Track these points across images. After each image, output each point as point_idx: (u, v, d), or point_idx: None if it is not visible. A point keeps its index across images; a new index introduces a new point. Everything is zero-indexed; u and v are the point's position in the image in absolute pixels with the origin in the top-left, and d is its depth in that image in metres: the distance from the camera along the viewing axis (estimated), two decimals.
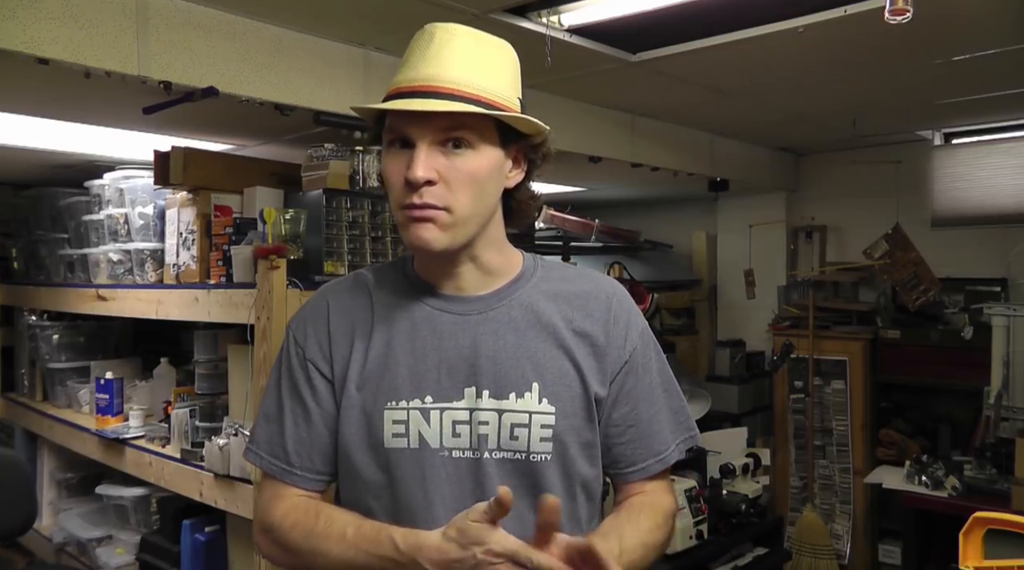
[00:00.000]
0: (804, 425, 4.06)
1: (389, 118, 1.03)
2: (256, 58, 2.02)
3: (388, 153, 1.05)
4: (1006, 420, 3.09)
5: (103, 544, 2.95)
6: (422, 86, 1.00)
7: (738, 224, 4.57)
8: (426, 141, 1.00)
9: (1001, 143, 3.74)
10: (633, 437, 1.14)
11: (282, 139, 2.77)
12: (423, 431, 1.05)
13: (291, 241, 2.08)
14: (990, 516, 1.60)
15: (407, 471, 1.05)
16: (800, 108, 3.24)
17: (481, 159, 1.02)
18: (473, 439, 1.05)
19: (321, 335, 1.12)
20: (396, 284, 1.14)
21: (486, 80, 1.02)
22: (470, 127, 1.01)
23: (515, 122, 1.04)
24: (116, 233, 2.83)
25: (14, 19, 1.59)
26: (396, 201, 1.04)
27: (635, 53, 2.40)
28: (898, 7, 1.57)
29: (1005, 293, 3.54)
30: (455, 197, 1.01)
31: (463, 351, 1.07)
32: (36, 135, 2.66)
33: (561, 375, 1.08)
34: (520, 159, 1.10)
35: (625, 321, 1.14)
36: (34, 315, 3.46)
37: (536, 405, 1.06)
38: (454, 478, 1.05)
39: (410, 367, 1.07)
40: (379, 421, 1.06)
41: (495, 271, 1.12)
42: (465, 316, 1.09)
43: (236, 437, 2.12)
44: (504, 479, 1.05)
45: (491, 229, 1.10)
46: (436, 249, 1.03)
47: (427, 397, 1.06)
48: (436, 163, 1.00)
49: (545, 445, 1.06)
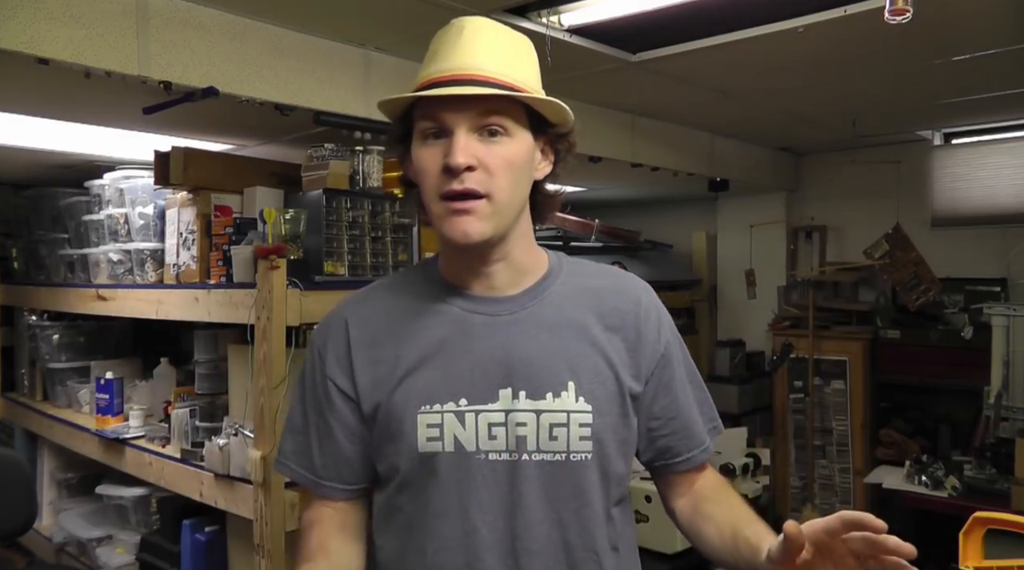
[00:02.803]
0: (804, 425, 4.06)
1: (421, 109, 1.02)
2: (256, 58, 2.02)
3: (422, 145, 1.03)
4: (1006, 420, 3.09)
5: (103, 544, 2.95)
6: (456, 75, 1.00)
7: (738, 224, 4.57)
8: (463, 127, 0.99)
9: (1001, 143, 3.75)
10: (676, 428, 1.14)
11: (282, 139, 2.77)
12: (458, 434, 1.03)
13: (291, 241, 2.08)
14: (990, 516, 1.60)
15: (443, 475, 1.04)
16: (800, 108, 3.24)
17: (517, 145, 1.03)
18: (511, 441, 1.04)
19: (340, 350, 1.10)
20: (422, 289, 1.13)
21: (515, 70, 1.03)
22: (505, 114, 1.01)
23: (548, 107, 1.04)
24: (116, 233, 2.83)
25: (14, 19, 1.59)
26: (433, 190, 1.01)
27: (635, 53, 2.40)
28: (898, 7, 1.57)
29: (1005, 293, 3.53)
30: (495, 183, 1.00)
31: (496, 352, 1.06)
32: (36, 135, 2.66)
33: (595, 372, 1.07)
34: (548, 150, 1.10)
35: (656, 316, 1.14)
36: (34, 315, 3.46)
37: (573, 404, 1.05)
38: (491, 481, 1.03)
39: (443, 370, 1.05)
40: (412, 426, 1.04)
41: (524, 269, 1.11)
42: (496, 317, 1.08)
43: (236, 437, 2.12)
44: (544, 480, 1.04)
45: (522, 223, 1.09)
46: (476, 241, 1.01)
47: (461, 400, 1.04)
48: (474, 149, 0.99)
49: (585, 444, 1.05)
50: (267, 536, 1.98)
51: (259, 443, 1.99)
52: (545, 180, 1.11)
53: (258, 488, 1.99)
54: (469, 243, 1.01)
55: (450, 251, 1.11)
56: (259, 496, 1.99)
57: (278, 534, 1.98)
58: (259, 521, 2.00)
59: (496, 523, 1.03)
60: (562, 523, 1.04)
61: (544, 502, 1.04)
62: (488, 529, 1.03)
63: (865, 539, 0.85)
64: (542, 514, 1.03)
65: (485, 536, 1.03)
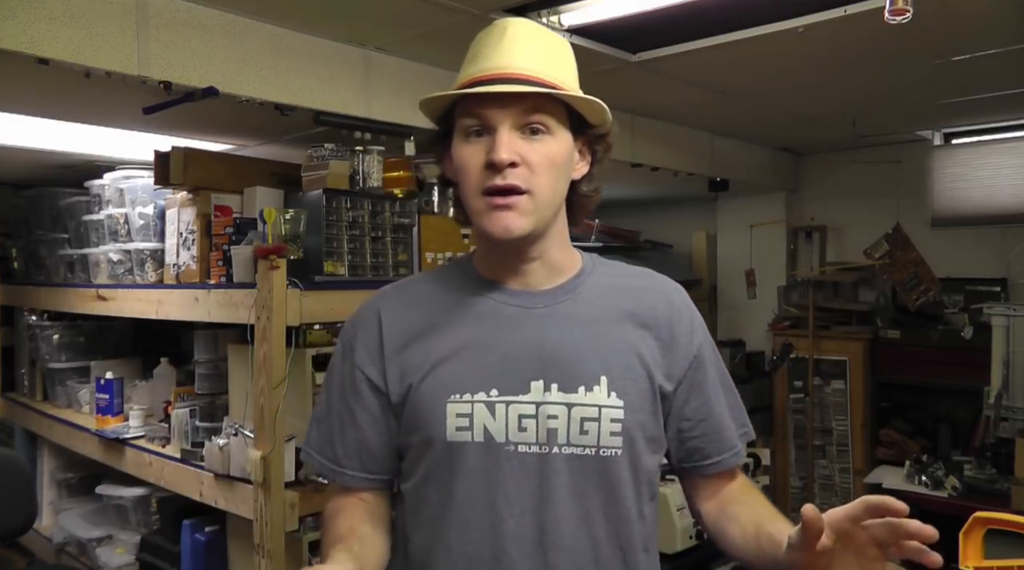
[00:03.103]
0: (804, 425, 4.06)
1: (464, 107, 1.04)
2: (256, 58, 2.02)
3: (464, 142, 1.04)
4: (1006, 420, 3.10)
5: (103, 544, 2.95)
6: (500, 74, 1.01)
7: (738, 224, 4.57)
8: (507, 125, 1.01)
9: (1001, 143, 3.75)
10: (707, 430, 1.13)
11: (282, 139, 2.77)
12: (488, 424, 1.03)
13: (291, 241, 2.08)
14: (990, 516, 1.60)
15: (470, 465, 1.03)
16: (800, 108, 3.24)
17: (559, 144, 1.04)
18: (541, 433, 1.03)
19: (371, 339, 1.11)
20: (458, 282, 1.14)
21: (556, 71, 1.04)
22: (547, 112, 1.02)
23: (588, 106, 1.06)
24: (116, 233, 2.83)
25: (14, 19, 1.59)
26: (475, 186, 1.03)
27: (635, 53, 2.40)
28: (898, 7, 1.57)
29: (1005, 293, 3.54)
30: (536, 180, 1.02)
31: (529, 344, 1.06)
32: (36, 135, 2.66)
33: (628, 369, 1.07)
34: (585, 151, 1.11)
35: (689, 317, 1.15)
36: (34, 315, 3.46)
37: (605, 399, 1.04)
38: (520, 473, 1.03)
39: (475, 360, 1.06)
40: (442, 414, 1.04)
41: (559, 267, 1.12)
42: (531, 309, 1.08)
43: (236, 437, 2.12)
44: (573, 475, 1.03)
45: (558, 222, 1.11)
46: (517, 236, 1.02)
47: (492, 390, 1.04)
48: (517, 146, 1.01)
49: (615, 439, 1.04)
50: (267, 536, 1.98)
51: (259, 443, 1.99)
52: (581, 181, 1.12)
53: (258, 488, 1.99)
54: (510, 238, 1.02)
55: (488, 247, 1.12)
56: (259, 496, 1.99)
57: (278, 534, 1.98)
58: (259, 521, 2.00)
59: (524, 517, 1.02)
60: (590, 519, 1.04)
61: (573, 497, 1.03)
62: (515, 522, 1.02)
63: (887, 524, 0.85)
64: (571, 509, 1.03)
65: (512, 529, 1.02)
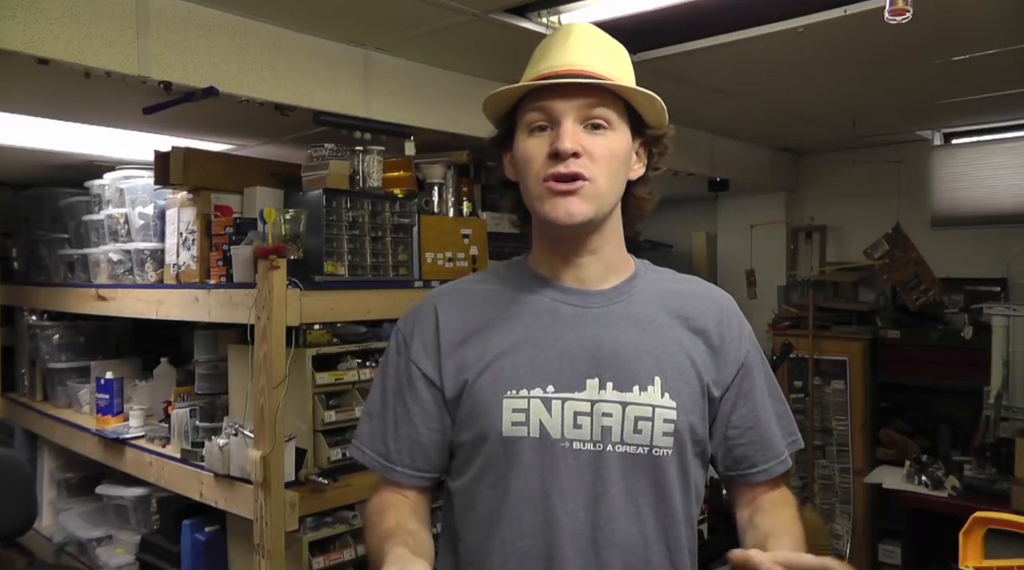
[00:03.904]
0: (804, 425, 4.05)
1: (529, 103, 1.07)
2: (256, 58, 2.02)
3: (528, 137, 1.07)
4: (1006, 420, 3.10)
5: (103, 544, 2.95)
6: (564, 70, 1.05)
7: (738, 224, 4.57)
8: (571, 117, 1.04)
9: (1001, 143, 3.74)
10: (754, 438, 1.14)
11: (282, 139, 2.77)
12: (544, 420, 1.04)
13: (291, 241, 2.08)
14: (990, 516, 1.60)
15: (525, 461, 1.04)
16: (800, 108, 3.24)
17: (619, 139, 1.08)
18: (595, 431, 1.04)
19: (427, 334, 1.12)
20: (514, 280, 1.16)
21: (619, 70, 1.08)
22: (609, 108, 1.06)
23: (647, 103, 1.09)
24: (116, 233, 2.83)
25: (14, 19, 1.59)
26: (537, 174, 1.05)
27: (635, 53, 2.39)
28: (898, 7, 1.57)
29: (1005, 293, 3.54)
30: (597, 169, 1.04)
31: (586, 342, 1.07)
32: (36, 135, 2.66)
33: (680, 371, 1.09)
34: (642, 153, 1.14)
35: (738, 324, 1.17)
36: (34, 315, 3.46)
37: (659, 399, 1.06)
38: (574, 470, 1.04)
39: (531, 356, 1.07)
40: (498, 409, 1.05)
41: (614, 267, 1.14)
42: (587, 308, 1.10)
43: (236, 437, 2.12)
44: (626, 473, 1.04)
45: (614, 220, 1.13)
46: (579, 221, 1.04)
47: (549, 387, 1.05)
48: (581, 139, 1.04)
49: (667, 439, 1.06)
50: (267, 536, 1.98)
51: (259, 443, 1.99)
52: (638, 184, 1.15)
53: (258, 488, 1.99)
54: (572, 223, 1.04)
55: (545, 241, 1.14)
56: (259, 496, 1.99)
57: (278, 534, 1.98)
58: (259, 521, 2.00)
59: (578, 513, 1.03)
60: (641, 517, 1.05)
61: (626, 495, 1.04)
62: (569, 518, 1.03)
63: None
64: (623, 507, 1.04)
65: (566, 525, 1.03)
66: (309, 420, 2.14)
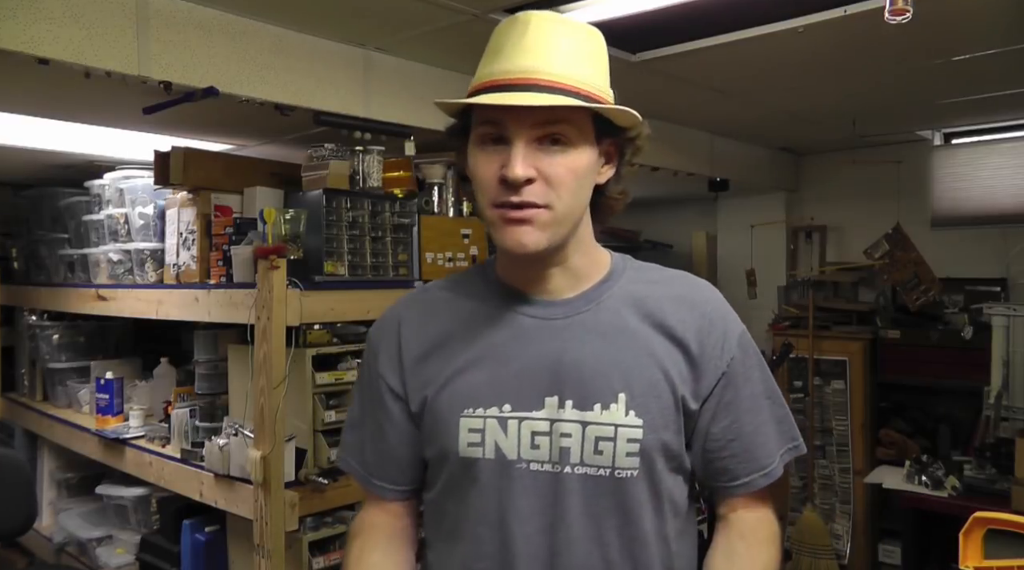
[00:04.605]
0: (804, 425, 4.05)
1: (480, 113, 0.97)
2: (256, 58, 2.02)
3: (480, 150, 0.98)
4: (1006, 420, 3.09)
5: (103, 544, 2.95)
6: (520, 79, 0.94)
7: (738, 224, 4.57)
8: (523, 138, 0.94)
9: (1001, 143, 3.75)
10: (736, 451, 1.06)
11: (282, 139, 2.77)
12: (499, 441, 1.00)
13: (291, 241, 2.08)
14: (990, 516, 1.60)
15: (484, 481, 1.01)
16: (800, 108, 3.24)
17: (580, 157, 0.97)
18: (554, 452, 0.99)
19: (391, 348, 1.09)
20: (477, 289, 1.10)
21: (584, 71, 0.97)
22: (569, 122, 0.95)
23: (615, 115, 0.99)
24: (116, 233, 2.83)
25: (14, 19, 1.59)
26: (489, 200, 0.97)
27: (635, 53, 2.40)
28: (898, 7, 1.57)
29: (1005, 293, 3.54)
30: (555, 194, 0.96)
31: (546, 358, 1.01)
32: (36, 135, 2.66)
33: (650, 385, 1.01)
34: (612, 153, 1.04)
35: (722, 328, 1.06)
36: (34, 315, 3.46)
37: (623, 417, 0.99)
38: (531, 492, 0.99)
39: (490, 374, 1.02)
40: (455, 429, 1.01)
41: (583, 273, 1.06)
42: (550, 321, 1.04)
43: (236, 437, 2.12)
44: (587, 496, 0.99)
45: (581, 229, 1.05)
46: (533, 251, 0.97)
47: (505, 405, 1.01)
48: (535, 161, 0.94)
49: (632, 460, 0.99)
50: (267, 536, 1.98)
51: (259, 443, 1.99)
52: (607, 183, 1.05)
53: (258, 488, 1.99)
54: (525, 253, 0.97)
55: (506, 256, 1.07)
56: (259, 496, 1.99)
57: (278, 534, 1.98)
58: (259, 521, 2.00)
59: (534, 537, 0.99)
60: (604, 541, 0.99)
61: (586, 518, 0.99)
62: (525, 542, 0.99)
63: None
64: (584, 531, 0.99)
65: (522, 549, 0.99)
66: (309, 420, 2.14)
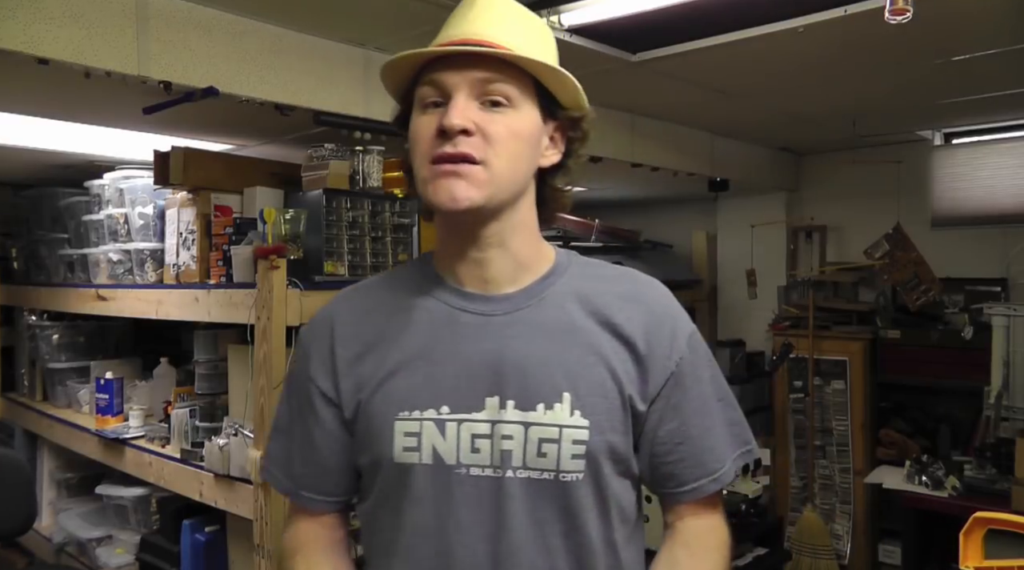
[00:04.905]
0: (804, 425, 4.06)
1: (423, 77, 0.96)
2: (256, 58, 2.02)
3: (421, 114, 0.96)
4: (1006, 420, 3.09)
5: (103, 544, 2.95)
6: (463, 40, 0.93)
7: (738, 224, 4.57)
8: (464, 92, 0.92)
9: (1001, 143, 3.74)
10: (684, 455, 1.02)
11: (282, 139, 2.77)
12: (437, 445, 0.95)
13: (291, 241, 2.08)
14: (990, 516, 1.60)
15: (419, 489, 0.95)
16: (800, 108, 3.24)
17: (521, 119, 0.95)
18: (495, 455, 0.95)
19: (324, 349, 1.03)
20: (414, 284, 1.04)
21: (528, 44, 0.95)
22: (511, 83, 0.94)
23: (556, 79, 0.97)
24: (116, 233, 2.83)
25: (14, 19, 1.59)
26: (424, 155, 0.94)
27: (635, 53, 2.39)
28: (898, 7, 1.57)
29: (1005, 293, 3.54)
30: (493, 151, 0.92)
31: (486, 356, 0.96)
32: (36, 135, 2.66)
33: (596, 385, 0.97)
34: (557, 139, 1.02)
35: (671, 327, 1.03)
36: (34, 315, 3.46)
37: (567, 418, 0.95)
38: (472, 498, 0.95)
39: (427, 374, 0.97)
40: (389, 433, 0.96)
41: (525, 263, 1.02)
42: (490, 317, 0.99)
43: (236, 437, 2.12)
44: (531, 501, 0.95)
45: (523, 209, 1.01)
46: (465, 206, 0.92)
47: (443, 407, 0.95)
48: (474, 115, 0.92)
49: (577, 463, 0.95)
50: (267, 536, 1.98)
51: (259, 443, 1.99)
52: (555, 173, 1.03)
53: (258, 488, 1.99)
54: (457, 209, 0.92)
55: (443, 233, 1.03)
56: (259, 496, 2.00)
57: (278, 534, 1.98)
58: (259, 521, 2.00)
59: (476, 546, 0.94)
60: (550, 548, 0.95)
61: (531, 525, 0.94)
62: (466, 552, 0.94)
63: None
64: (527, 537, 0.94)
65: (462, 559, 0.94)
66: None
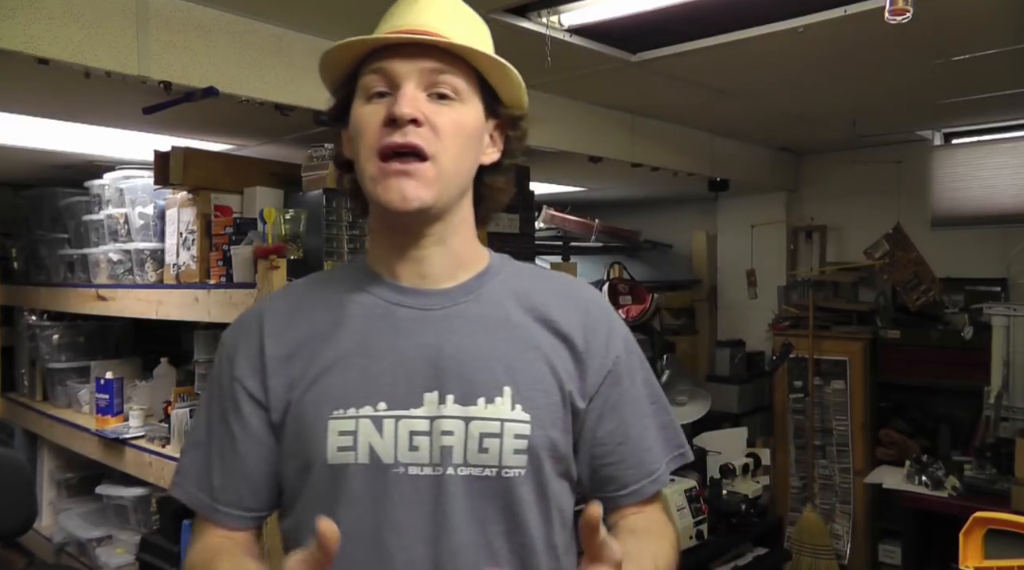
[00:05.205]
0: (804, 425, 4.06)
1: (367, 66, 0.95)
2: (256, 58, 2.02)
3: (365, 104, 0.94)
4: (1006, 420, 3.10)
5: (103, 544, 2.95)
6: (410, 30, 0.93)
7: (738, 224, 4.57)
8: (412, 82, 0.91)
9: (1001, 143, 3.74)
10: (624, 455, 1.00)
11: (282, 139, 2.77)
12: (374, 443, 0.90)
13: (291, 241, 2.08)
14: (990, 516, 1.60)
15: (355, 491, 0.91)
16: (800, 108, 3.24)
17: (468, 113, 0.95)
18: (434, 452, 0.91)
19: (252, 348, 0.98)
20: (349, 281, 1.01)
21: (473, 40, 0.95)
22: (458, 76, 0.94)
23: (502, 75, 0.97)
24: (116, 233, 2.83)
25: (14, 19, 1.59)
26: (371, 146, 0.91)
27: (635, 53, 2.40)
28: (898, 7, 1.57)
29: (1005, 293, 3.54)
30: (441, 145, 0.91)
31: (425, 351, 0.93)
32: (36, 135, 2.66)
33: (537, 379, 0.95)
34: (496, 137, 1.01)
35: (607, 327, 1.02)
36: (34, 315, 3.46)
37: (509, 412, 0.92)
38: (411, 499, 0.90)
39: (362, 370, 0.93)
40: (322, 432, 0.91)
41: (463, 261, 1.00)
42: (427, 311, 0.96)
43: None
44: (472, 499, 0.91)
45: (464, 209, 1.00)
46: (415, 207, 0.90)
47: (380, 404, 0.91)
48: (423, 106, 0.91)
49: (519, 458, 0.92)
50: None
51: None
52: (492, 172, 1.02)
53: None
54: (407, 209, 0.90)
55: (381, 232, 1.01)
56: None
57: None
58: None
59: (415, 549, 0.90)
60: (493, 549, 0.91)
61: (473, 525, 0.91)
62: (405, 556, 0.90)
63: None
64: (470, 538, 0.91)
65: (401, 564, 0.90)
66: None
